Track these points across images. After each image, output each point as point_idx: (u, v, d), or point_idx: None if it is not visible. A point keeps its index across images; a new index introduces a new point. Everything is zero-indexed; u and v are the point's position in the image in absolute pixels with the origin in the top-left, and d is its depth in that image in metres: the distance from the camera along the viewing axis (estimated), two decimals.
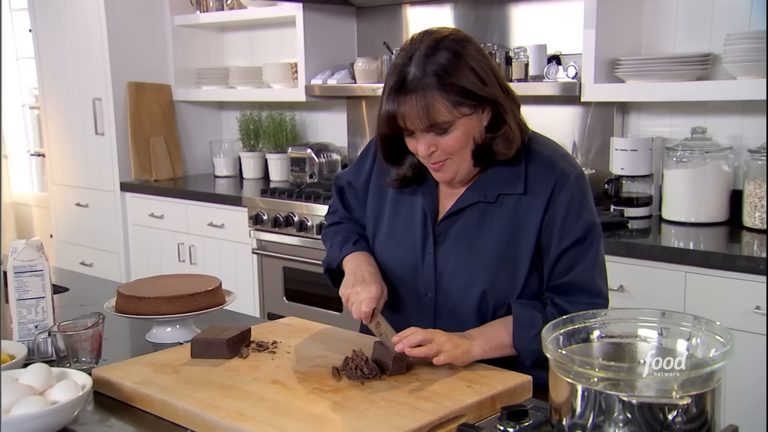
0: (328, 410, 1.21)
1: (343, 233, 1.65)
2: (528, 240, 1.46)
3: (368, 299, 1.43)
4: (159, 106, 4.18)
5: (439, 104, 1.36)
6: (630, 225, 2.66)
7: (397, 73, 1.38)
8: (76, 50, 4.18)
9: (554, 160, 1.48)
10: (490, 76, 1.40)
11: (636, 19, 2.83)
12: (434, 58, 1.36)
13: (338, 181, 1.73)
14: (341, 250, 1.60)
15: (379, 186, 1.61)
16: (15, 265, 1.51)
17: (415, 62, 1.37)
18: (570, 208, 1.45)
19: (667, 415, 0.98)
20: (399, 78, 1.37)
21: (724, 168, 2.62)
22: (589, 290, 1.46)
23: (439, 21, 3.44)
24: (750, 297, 2.17)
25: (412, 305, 1.56)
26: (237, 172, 4.27)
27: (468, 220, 1.50)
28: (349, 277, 1.52)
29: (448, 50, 1.37)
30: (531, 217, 1.46)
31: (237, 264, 3.64)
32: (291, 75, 3.82)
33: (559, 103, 3.03)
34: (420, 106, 1.36)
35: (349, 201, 1.71)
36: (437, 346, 1.35)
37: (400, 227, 1.56)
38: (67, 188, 4.45)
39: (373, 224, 1.61)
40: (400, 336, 1.36)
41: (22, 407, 1.16)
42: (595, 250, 1.47)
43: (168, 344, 1.60)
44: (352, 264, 1.56)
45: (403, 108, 1.37)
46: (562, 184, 1.45)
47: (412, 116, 1.37)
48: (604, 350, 1.14)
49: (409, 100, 1.36)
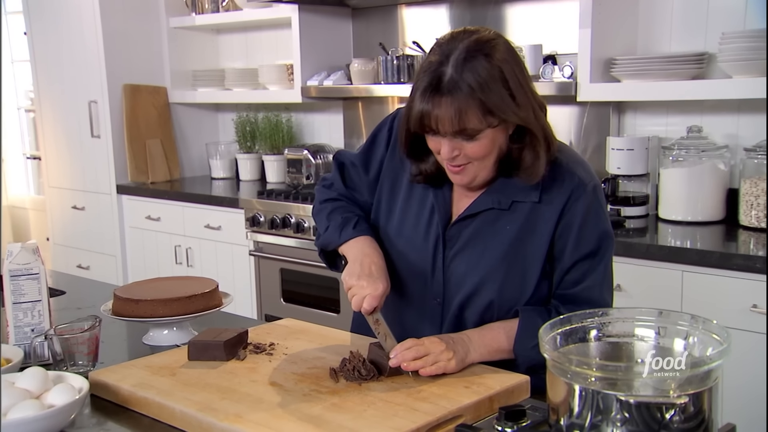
0: (325, 411, 1.21)
1: (340, 212, 1.59)
2: (540, 247, 1.44)
3: (372, 296, 1.40)
4: (155, 108, 4.17)
5: (472, 112, 1.33)
6: (626, 224, 2.67)
7: (432, 72, 1.35)
8: (71, 53, 4.17)
9: (572, 168, 1.45)
10: (522, 92, 1.37)
11: (631, 19, 2.83)
12: (473, 64, 1.33)
13: (340, 157, 1.67)
14: (341, 233, 1.55)
15: (393, 178, 1.57)
16: (11, 268, 1.51)
17: (452, 64, 1.33)
18: (586, 219, 1.43)
19: (664, 414, 0.98)
20: (434, 77, 1.34)
21: (720, 167, 2.62)
22: (597, 304, 1.43)
23: (435, 22, 3.45)
24: (747, 295, 2.17)
25: (419, 307, 1.54)
26: (233, 174, 4.27)
27: (480, 225, 1.48)
28: (354, 264, 1.47)
29: (486, 58, 1.33)
30: (544, 224, 1.44)
31: (234, 266, 3.63)
32: (287, 76, 3.82)
33: (554, 103, 3.03)
34: (453, 109, 1.33)
35: (352, 178, 1.65)
36: (433, 359, 1.34)
37: (409, 226, 1.53)
38: (64, 191, 4.45)
39: (385, 217, 1.57)
40: (396, 350, 1.35)
41: (19, 411, 1.16)
42: (606, 261, 1.46)
43: (165, 347, 1.60)
44: (357, 250, 1.51)
45: (437, 110, 1.34)
46: (579, 194, 1.43)
47: (444, 119, 1.34)
48: (602, 350, 1.14)
49: (444, 102, 1.33)
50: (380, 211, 1.59)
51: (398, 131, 1.49)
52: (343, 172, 1.66)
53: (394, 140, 1.57)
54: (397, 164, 1.57)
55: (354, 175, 1.64)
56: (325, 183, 1.69)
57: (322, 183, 1.69)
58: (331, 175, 1.68)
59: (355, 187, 1.65)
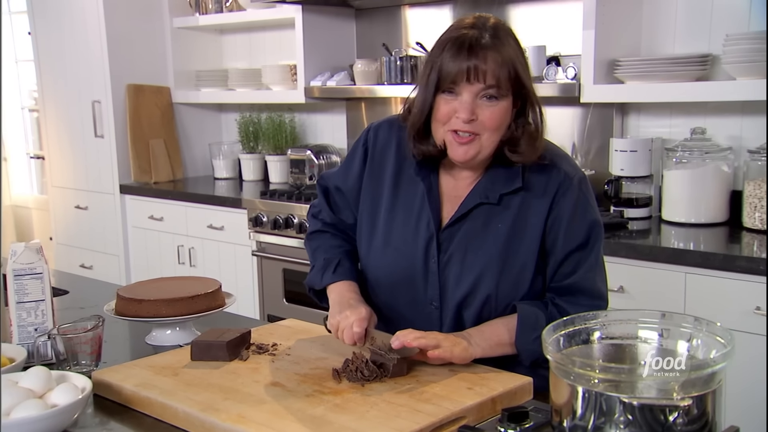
0: (328, 412, 1.21)
1: (323, 252, 1.63)
2: (532, 243, 1.46)
3: (359, 320, 1.43)
4: (158, 108, 4.18)
5: (510, 69, 1.39)
6: (630, 226, 2.66)
7: (463, 37, 1.39)
8: (75, 53, 4.18)
9: (557, 162, 1.48)
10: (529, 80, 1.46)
11: (635, 20, 2.83)
12: (506, 33, 1.42)
13: (323, 182, 1.70)
14: (322, 277, 1.59)
15: (373, 190, 1.59)
16: (14, 268, 1.51)
17: (487, 31, 1.40)
18: (575, 212, 1.46)
19: (668, 416, 0.98)
20: (470, 38, 1.39)
21: (723, 168, 2.62)
22: (591, 292, 1.47)
23: (438, 22, 3.44)
24: (750, 298, 2.17)
25: (415, 314, 1.54)
26: (236, 174, 4.27)
27: (472, 225, 1.49)
28: (334, 306, 1.52)
29: (512, 36, 1.44)
30: (534, 219, 1.46)
31: (237, 266, 3.64)
32: (290, 77, 3.82)
33: (558, 104, 3.03)
34: (500, 59, 1.38)
35: (337, 202, 1.67)
36: (435, 339, 1.37)
37: (397, 235, 1.54)
38: (67, 191, 4.45)
39: (368, 230, 1.59)
40: (396, 335, 1.37)
41: (22, 410, 1.16)
42: (597, 251, 1.48)
43: (168, 347, 1.60)
44: (335, 294, 1.55)
45: (479, 61, 1.38)
46: (566, 187, 1.46)
47: (486, 70, 1.38)
48: (605, 352, 1.14)
49: (489, 55, 1.38)
50: (363, 228, 1.61)
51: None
52: (328, 197, 1.69)
53: (371, 156, 1.60)
54: (377, 179, 1.59)
55: (338, 199, 1.67)
56: (313, 211, 1.73)
57: (311, 211, 1.73)
58: (318, 201, 1.71)
59: (340, 211, 1.67)
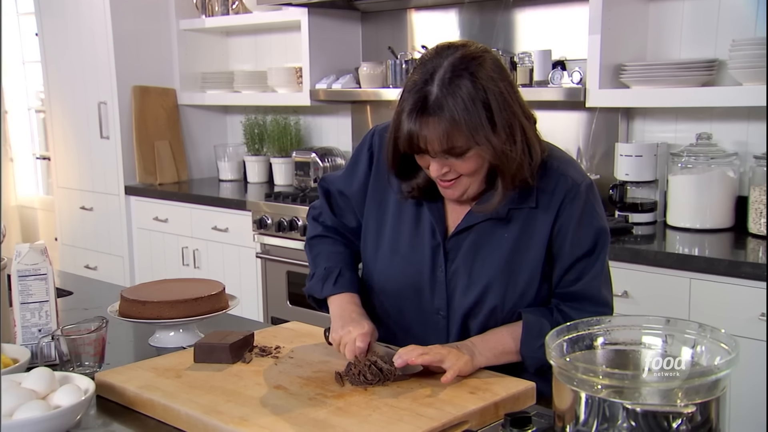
0: (331, 416, 1.21)
1: (324, 259, 1.62)
2: (538, 250, 1.45)
3: (362, 335, 1.42)
4: (164, 110, 4.19)
5: (459, 132, 1.33)
6: (634, 231, 2.66)
7: (418, 92, 1.34)
8: (81, 54, 4.19)
9: (564, 169, 1.46)
10: (505, 114, 1.35)
11: (641, 25, 2.82)
12: (458, 83, 1.32)
13: (325, 184, 1.68)
14: (323, 287, 1.58)
15: (379, 196, 1.58)
16: (19, 268, 1.51)
17: (437, 83, 1.33)
18: (582, 218, 1.44)
19: (671, 423, 0.97)
20: (420, 97, 1.33)
21: (729, 174, 2.61)
22: (596, 300, 1.46)
23: (444, 26, 3.44)
24: (755, 304, 2.16)
25: (421, 322, 1.54)
26: (241, 176, 4.28)
27: (478, 235, 1.48)
28: (336, 320, 1.51)
29: (471, 77, 1.32)
30: (541, 226, 1.45)
31: (241, 268, 3.64)
32: (296, 79, 3.82)
33: (563, 109, 3.03)
34: (441, 129, 1.33)
35: (339, 205, 1.66)
36: (439, 355, 1.35)
37: (404, 243, 1.53)
38: (72, 192, 4.46)
39: (374, 237, 1.58)
40: (399, 353, 1.36)
41: (25, 411, 1.16)
42: (603, 258, 1.47)
43: (171, 348, 1.60)
44: (336, 306, 1.54)
45: (425, 130, 1.33)
46: (573, 194, 1.44)
47: (432, 139, 1.34)
48: (608, 357, 1.13)
49: (432, 122, 1.33)
50: (369, 234, 1.60)
51: (385, 152, 1.47)
52: (330, 200, 1.67)
53: (376, 160, 1.58)
54: (383, 183, 1.57)
55: (341, 202, 1.65)
56: (314, 213, 1.70)
57: (311, 213, 1.71)
58: (319, 203, 1.70)
59: (342, 214, 1.66)
